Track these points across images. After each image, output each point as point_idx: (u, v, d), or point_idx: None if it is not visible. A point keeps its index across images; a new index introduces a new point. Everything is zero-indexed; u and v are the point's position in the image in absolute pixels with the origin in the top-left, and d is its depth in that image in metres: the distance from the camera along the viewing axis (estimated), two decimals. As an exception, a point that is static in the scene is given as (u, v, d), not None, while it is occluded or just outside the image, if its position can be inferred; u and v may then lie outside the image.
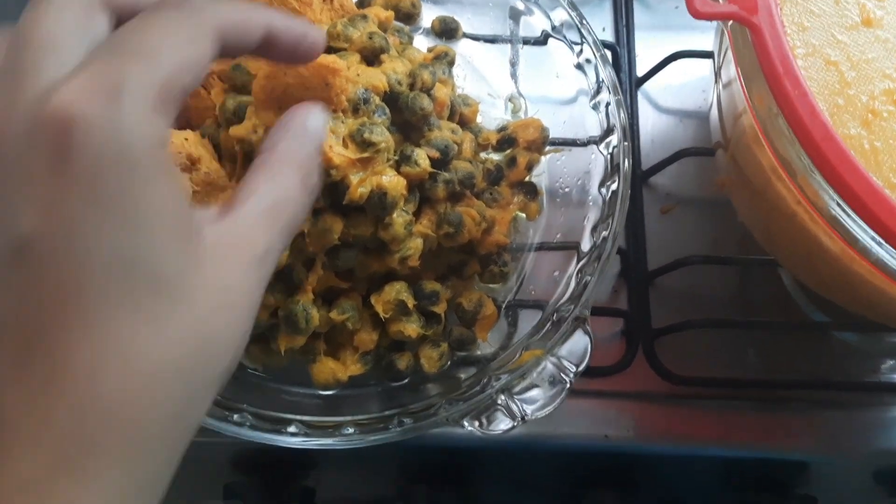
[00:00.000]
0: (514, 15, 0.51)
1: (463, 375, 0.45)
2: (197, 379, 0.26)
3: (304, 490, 0.54)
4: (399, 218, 0.40)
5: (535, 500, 0.59)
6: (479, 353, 0.46)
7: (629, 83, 0.57)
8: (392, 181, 0.39)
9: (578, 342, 0.41)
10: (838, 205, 0.34)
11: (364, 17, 0.43)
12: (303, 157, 0.31)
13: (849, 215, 0.34)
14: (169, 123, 0.25)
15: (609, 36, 0.59)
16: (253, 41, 0.29)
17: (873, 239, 0.34)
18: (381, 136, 0.38)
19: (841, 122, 0.37)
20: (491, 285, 0.47)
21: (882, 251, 0.34)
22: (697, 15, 0.35)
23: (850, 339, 0.54)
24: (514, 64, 0.51)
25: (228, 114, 0.39)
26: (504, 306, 0.47)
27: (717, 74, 0.44)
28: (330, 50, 0.42)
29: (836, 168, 0.33)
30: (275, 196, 0.29)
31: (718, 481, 0.56)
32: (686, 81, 0.58)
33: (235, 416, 0.40)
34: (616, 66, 0.58)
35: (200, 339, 0.25)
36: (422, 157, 0.41)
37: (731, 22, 0.37)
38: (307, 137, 0.32)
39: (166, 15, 0.26)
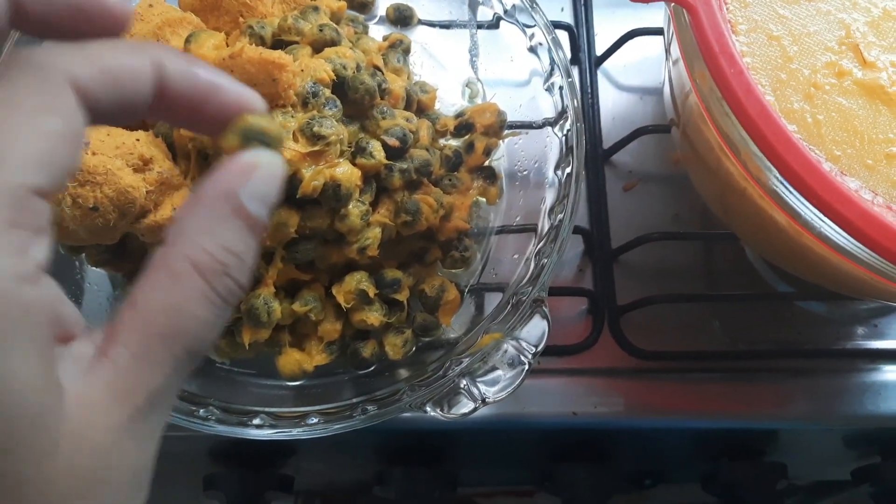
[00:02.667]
0: (472, 3, 0.51)
1: (430, 360, 0.46)
2: None
3: (282, 478, 0.55)
4: (355, 209, 0.40)
5: (508, 477, 0.60)
6: (445, 337, 0.46)
7: (588, 62, 0.57)
8: (346, 173, 0.40)
9: (537, 324, 0.41)
10: (779, 181, 0.34)
11: (315, 8, 0.44)
12: (213, 251, 0.23)
13: (790, 191, 0.34)
14: (35, 237, 0.20)
15: (568, 16, 0.59)
16: (139, 91, 0.23)
17: (814, 213, 0.34)
18: (331, 128, 0.38)
19: (784, 97, 0.37)
20: (454, 270, 0.47)
21: (824, 225, 0.34)
22: (637, -2, 0.36)
23: (816, 308, 0.55)
24: (471, 50, 0.52)
25: (180, 113, 0.40)
26: (468, 290, 0.48)
27: (667, 51, 0.45)
28: (281, 44, 0.42)
29: (773, 144, 0.33)
30: (165, 320, 0.22)
31: (689, 452, 0.57)
32: (644, 58, 0.58)
33: (201, 411, 0.40)
34: (575, 45, 0.58)
35: None
36: (377, 149, 0.41)
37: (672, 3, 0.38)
38: (229, 218, 0.23)
39: (5, 83, 0.20)
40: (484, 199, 0.48)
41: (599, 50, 0.58)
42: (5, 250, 0.19)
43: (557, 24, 0.57)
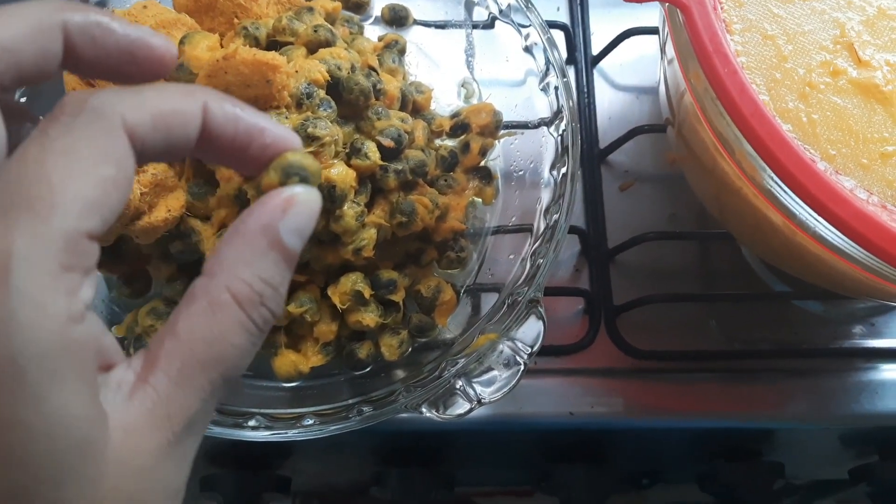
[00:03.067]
0: (468, 4, 0.51)
1: (426, 361, 0.46)
2: None
3: (279, 479, 0.55)
4: (350, 210, 0.40)
5: (506, 477, 0.60)
6: (441, 338, 0.46)
7: (585, 62, 0.57)
8: (341, 174, 0.39)
9: (532, 324, 0.41)
10: (773, 180, 0.34)
11: (310, 9, 0.44)
12: (254, 284, 0.24)
13: (784, 191, 0.34)
14: (85, 278, 0.21)
15: (564, 16, 0.59)
16: (187, 135, 0.24)
17: (808, 213, 0.34)
18: (326, 129, 0.38)
19: (779, 97, 0.37)
20: (450, 271, 0.47)
21: (819, 224, 0.34)
22: (631, -2, 0.36)
23: (813, 307, 0.55)
24: (466, 50, 0.52)
25: (174, 114, 0.39)
26: (464, 291, 0.48)
27: (663, 51, 0.45)
28: (276, 45, 0.42)
29: (767, 144, 0.33)
30: (205, 348, 0.23)
31: (686, 452, 0.57)
32: (640, 58, 0.58)
33: (196, 413, 0.40)
34: (571, 45, 0.58)
35: None
36: (372, 150, 0.41)
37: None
38: (269, 252, 0.24)
39: (63, 129, 0.21)
40: (480, 200, 0.48)
41: (595, 49, 0.58)
42: (59, 293, 0.20)
43: (553, 24, 0.57)
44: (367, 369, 0.46)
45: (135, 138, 0.22)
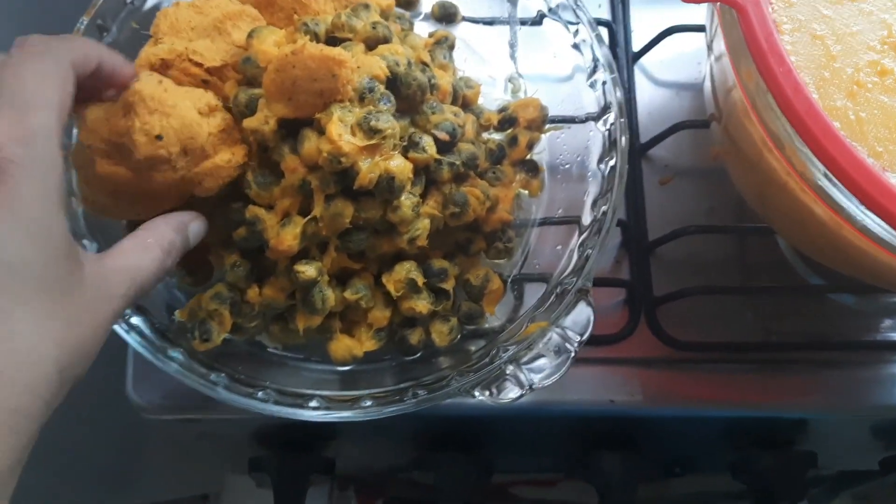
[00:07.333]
0: (512, 0, 0.52)
1: (473, 348, 0.47)
2: (66, 377, 0.30)
3: (325, 461, 0.57)
4: (407, 200, 0.42)
5: (543, 463, 0.62)
6: (487, 326, 0.48)
7: (626, 58, 0.59)
8: (399, 166, 0.41)
9: (581, 313, 0.43)
10: (825, 175, 0.36)
11: (366, 6, 0.45)
12: (172, 244, 0.38)
13: (834, 185, 0.36)
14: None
15: (605, 13, 0.60)
16: (88, 71, 0.36)
17: (858, 207, 0.35)
18: (387, 122, 0.40)
19: (827, 95, 0.39)
20: (497, 261, 0.49)
21: (867, 218, 0.36)
22: (687, -2, 0.37)
23: (847, 300, 0.56)
24: (512, 45, 0.53)
25: (241, 106, 0.41)
26: (510, 280, 0.49)
27: (710, 48, 0.46)
28: (335, 41, 0.44)
29: (820, 141, 0.35)
30: (139, 264, 0.35)
31: (721, 441, 0.59)
32: (681, 54, 0.59)
33: (260, 394, 0.42)
34: (613, 41, 0.59)
35: (74, 343, 0.31)
36: (429, 144, 0.42)
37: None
38: (182, 231, 0.39)
39: (34, 57, 0.33)
40: (526, 192, 0.50)
41: (636, 46, 0.59)
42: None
43: (596, 21, 0.58)
44: (417, 355, 0.47)
45: (74, 68, 0.34)
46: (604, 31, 0.59)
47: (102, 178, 0.40)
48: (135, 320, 0.43)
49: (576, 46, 0.49)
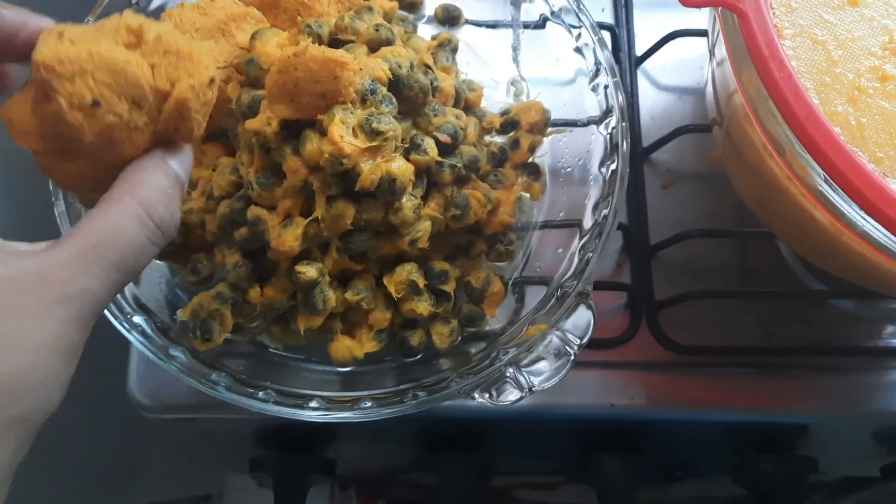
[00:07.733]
0: (515, 1, 0.52)
1: (473, 350, 0.47)
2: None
3: (326, 461, 0.57)
4: (408, 202, 0.42)
5: (543, 466, 0.62)
6: (487, 328, 0.48)
7: (629, 62, 0.59)
8: (401, 167, 0.41)
9: (582, 316, 0.43)
10: (825, 181, 0.36)
11: (370, 8, 0.45)
12: (149, 190, 0.30)
13: (835, 190, 0.36)
14: None
15: (608, 17, 0.60)
16: None
17: (858, 213, 0.35)
18: (389, 124, 0.40)
19: (828, 100, 0.39)
20: (498, 263, 0.49)
21: (867, 224, 0.36)
22: (689, 3, 0.37)
23: (848, 306, 0.56)
24: (515, 49, 0.53)
25: (244, 108, 0.41)
26: (511, 283, 0.49)
27: (712, 53, 0.46)
28: (338, 43, 0.44)
29: (821, 146, 0.35)
30: (103, 232, 0.28)
31: (721, 445, 0.59)
32: (684, 59, 0.59)
33: (261, 394, 0.42)
34: (615, 45, 0.59)
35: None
36: (430, 146, 0.42)
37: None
38: (160, 170, 0.31)
39: None
40: (527, 195, 0.50)
41: (639, 50, 0.59)
42: None
43: (599, 25, 0.58)
44: (418, 357, 0.48)
45: None
46: (606, 35, 0.59)
47: (75, 179, 0.34)
48: (137, 319, 0.43)
49: (578, 50, 0.49)
